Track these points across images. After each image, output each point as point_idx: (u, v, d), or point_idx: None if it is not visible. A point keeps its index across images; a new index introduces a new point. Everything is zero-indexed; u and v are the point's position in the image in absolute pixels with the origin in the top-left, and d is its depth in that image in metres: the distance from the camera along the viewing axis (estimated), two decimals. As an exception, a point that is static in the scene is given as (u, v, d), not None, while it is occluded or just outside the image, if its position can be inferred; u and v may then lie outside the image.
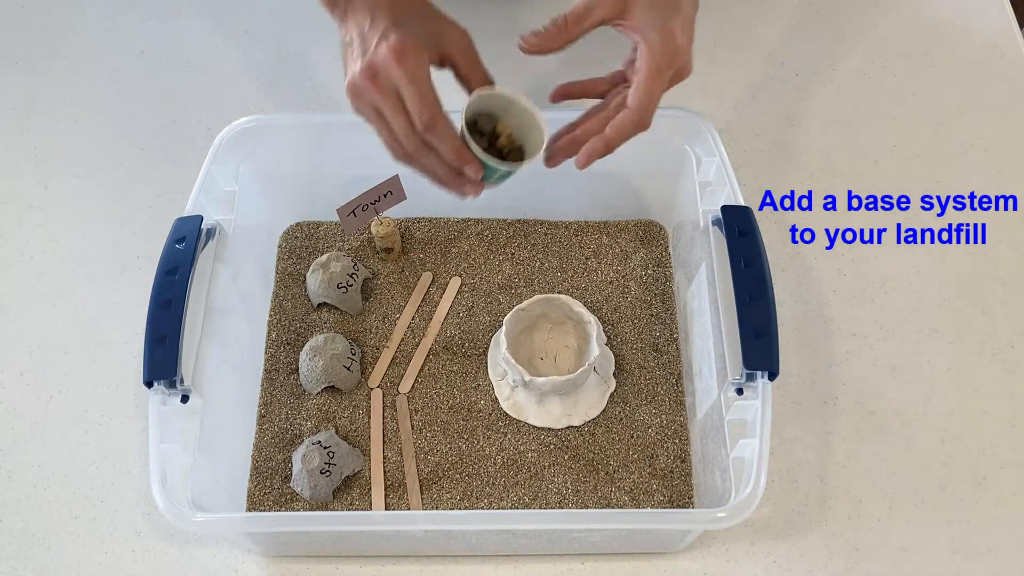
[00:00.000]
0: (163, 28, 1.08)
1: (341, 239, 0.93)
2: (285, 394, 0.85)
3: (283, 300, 0.89)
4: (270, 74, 1.04)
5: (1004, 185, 0.94)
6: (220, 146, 0.82)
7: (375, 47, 0.67)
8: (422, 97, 0.67)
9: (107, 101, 1.03)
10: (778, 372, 0.69)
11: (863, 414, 0.83)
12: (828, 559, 0.76)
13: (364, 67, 0.67)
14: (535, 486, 0.80)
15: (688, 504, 0.79)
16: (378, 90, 0.67)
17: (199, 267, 0.74)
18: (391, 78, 0.67)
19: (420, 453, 0.82)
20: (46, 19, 1.10)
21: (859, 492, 0.79)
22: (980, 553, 0.77)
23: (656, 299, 0.89)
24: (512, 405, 0.83)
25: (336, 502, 0.79)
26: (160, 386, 0.69)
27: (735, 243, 0.74)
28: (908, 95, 1.01)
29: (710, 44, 1.05)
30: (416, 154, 0.70)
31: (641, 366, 0.85)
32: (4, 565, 0.77)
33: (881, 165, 0.96)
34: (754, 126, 0.99)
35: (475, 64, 0.72)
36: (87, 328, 0.88)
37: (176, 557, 0.77)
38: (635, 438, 0.82)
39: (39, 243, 0.94)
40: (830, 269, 0.90)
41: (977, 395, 0.84)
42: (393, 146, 0.71)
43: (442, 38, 0.70)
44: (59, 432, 0.83)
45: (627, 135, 0.71)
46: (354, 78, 0.68)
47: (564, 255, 0.92)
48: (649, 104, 0.70)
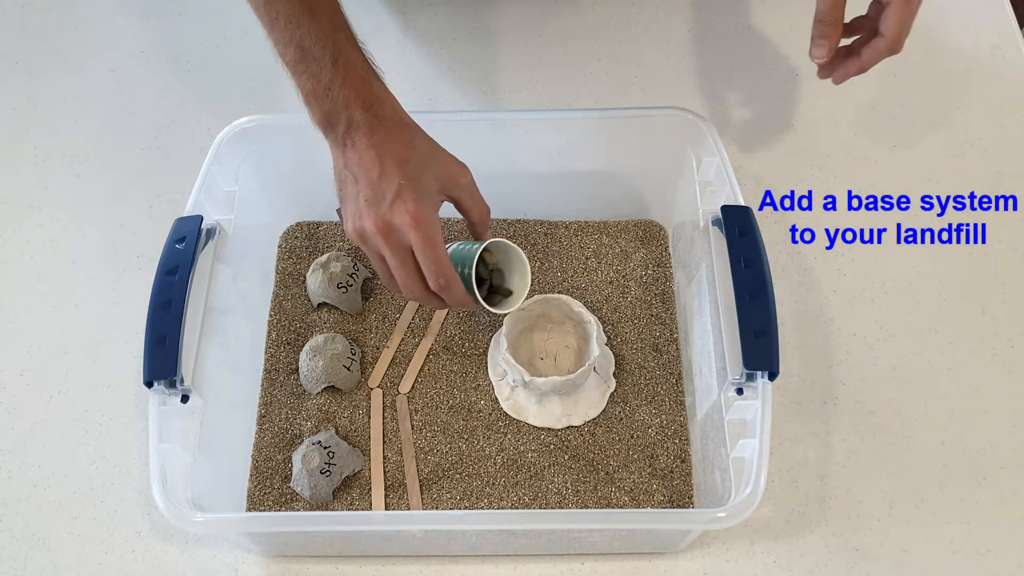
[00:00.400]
0: (163, 28, 1.08)
1: (341, 239, 0.93)
2: (285, 394, 0.85)
3: (283, 300, 0.89)
4: (270, 74, 1.03)
5: (1004, 185, 0.94)
6: (220, 146, 0.82)
7: (390, 206, 0.68)
8: (439, 263, 0.69)
9: (107, 101, 1.03)
10: (778, 372, 0.69)
11: (863, 414, 0.83)
12: (828, 559, 0.76)
13: (379, 224, 0.68)
14: (535, 486, 0.80)
15: (688, 504, 0.79)
16: (389, 246, 0.69)
17: (199, 267, 0.74)
18: (405, 239, 0.69)
19: (420, 453, 0.82)
20: (46, 19, 1.10)
21: (859, 492, 0.79)
22: (980, 553, 0.77)
23: (656, 299, 0.89)
24: (512, 405, 0.83)
25: (336, 502, 0.79)
26: (160, 386, 0.69)
27: (735, 243, 0.74)
28: (908, 95, 1.01)
29: (710, 44, 1.05)
30: (415, 297, 0.72)
31: (641, 366, 0.85)
32: (4, 565, 0.77)
33: (881, 165, 0.96)
34: (754, 126, 0.99)
35: (477, 200, 0.75)
36: (87, 328, 0.88)
37: (176, 557, 0.77)
38: (635, 438, 0.82)
39: (39, 243, 0.94)
40: (830, 269, 0.90)
41: (977, 395, 0.84)
42: (390, 284, 0.73)
43: (448, 182, 0.72)
44: (59, 432, 0.83)
45: (880, 58, 0.76)
46: (364, 228, 0.70)
47: (564, 255, 0.92)
48: (901, 31, 0.73)
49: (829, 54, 0.76)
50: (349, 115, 0.70)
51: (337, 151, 0.72)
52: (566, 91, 1.02)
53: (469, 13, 1.08)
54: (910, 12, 0.73)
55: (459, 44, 1.06)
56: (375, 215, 0.69)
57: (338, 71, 0.70)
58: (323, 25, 0.70)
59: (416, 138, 0.72)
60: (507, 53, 1.06)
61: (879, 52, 0.75)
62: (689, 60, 1.04)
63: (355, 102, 0.70)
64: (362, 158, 0.69)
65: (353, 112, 0.70)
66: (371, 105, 0.70)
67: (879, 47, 0.75)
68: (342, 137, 0.70)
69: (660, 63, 1.04)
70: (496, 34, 1.07)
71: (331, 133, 0.71)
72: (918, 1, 0.73)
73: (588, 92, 1.02)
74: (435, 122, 0.73)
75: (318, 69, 0.70)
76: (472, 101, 1.01)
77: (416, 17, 1.08)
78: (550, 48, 1.05)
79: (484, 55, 1.05)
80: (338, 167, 0.72)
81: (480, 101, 1.01)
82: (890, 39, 0.74)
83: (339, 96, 0.70)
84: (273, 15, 0.71)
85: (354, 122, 0.70)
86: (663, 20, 1.07)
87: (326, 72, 0.70)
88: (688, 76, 1.03)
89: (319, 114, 0.71)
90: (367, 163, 0.69)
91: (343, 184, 0.72)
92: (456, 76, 1.03)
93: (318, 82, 0.70)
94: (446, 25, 1.07)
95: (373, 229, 0.69)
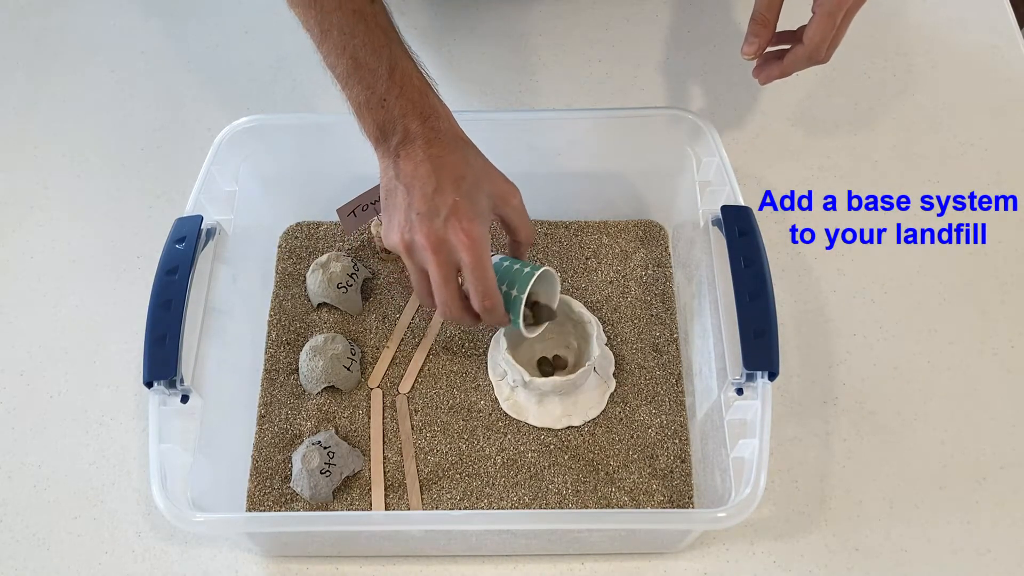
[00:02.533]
0: (163, 28, 1.08)
1: (341, 239, 0.93)
2: (285, 394, 0.85)
3: (283, 300, 0.89)
4: (270, 74, 1.04)
5: (1004, 185, 0.94)
6: (220, 146, 0.82)
7: (444, 222, 0.68)
8: (487, 285, 0.69)
9: (107, 101, 1.03)
10: (778, 372, 0.69)
11: (863, 414, 0.83)
12: (828, 559, 0.76)
13: (432, 239, 0.68)
14: (535, 486, 0.80)
15: (688, 504, 0.79)
16: (436, 260, 0.69)
17: (199, 267, 0.74)
18: (454, 255, 0.69)
19: (420, 453, 0.82)
20: (46, 19, 1.10)
21: (859, 492, 0.79)
22: (980, 553, 0.77)
23: (656, 299, 0.89)
24: (512, 405, 0.83)
25: (336, 502, 0.79)
26: (160, 386, 0.69)
27: (735, 243, 0.74)
28: (908, 95, 1.01)
29: (710, 44, 1.05)
30: (451, 315, 0.72)
31: (641, 366, 0.85)
32: (4, 565, 0.77)
33: (881, 165, 0.96)
34: (754, 126, 0.99)
35: (525, 221, 0.75)
36: (87, 328, 0.88)
37: (176, 557, 0.77)
38: (635, 438, 0.82)
39: (39, 243, 0.94)
40: (830, 269, 0.90)
41: (977, 395, 0.84)
42: (426, 300, 0.73)
43: (499, 201, 0.72)
44: (59, 432, 0.83)
45: (800, 67, 0.78)
46: (413, 241, 0.69)
47: (564, 255, 0.92)
48: (820, 42, 0.75)
49: (757, 52, 0.78)
50: (405, 126, 0.69)
51: (388, 161, 0.71)
52: (566, 91, 1.02)
53: (469, 13, 1.08)
54: (830, 24, 0.74)
55: (459, 44, 1.06)
56: (427, 229, 0.68)
57: (394, 82, 0.69)
58: (378, 36, 0.70)
59: (471, 155, 0.71)
60: (507, 53, 1.06)
61: (798, 58, 0.77)
62: (689, 60, 1.04)
63: (411, 113, 0.69)
64: (417, 170, 0.69)
65: (410, 123, 0.69)
66: (427, 117, 0.70)
67: (798, 54, 0.77)
68: (395, 148, 0.70)
69: (660, 63, 1.04)
70: (496, 34, 1.07)
71: (383, 144, 0.71)
72: (842, 16, 0.74)
73: (588, 92, 1.02)
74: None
75: (373, 80, 0.69)
76: (472, 101, 1.01)
77: (416, 17, 1.08)
78: (550, 48, 1.05)
79: (484, 55, 1.05)
80: (387, 177, 0.71)
81: (480, 101, 1.01)
82: (808, 48, 0.76)
83: (395, 107, 0.69)
84: (326, 27, 0.70)
85: (410, 133, 0.69)
86: (663, 20, 1.07)
87: (381, 83, 0.69)
88: (688, 76, 1.03)
89: (372, 125, 0.70)
90: (422, 176, 0.68)
91: (391, 194, 0.71)
92: (456, 76, 1.03)
93: (372, 93, 0.70)
94: (446, 25, 1.07)
95: (424, 243, 0.68)
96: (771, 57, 0.80)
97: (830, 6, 0.74)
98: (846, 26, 0.76)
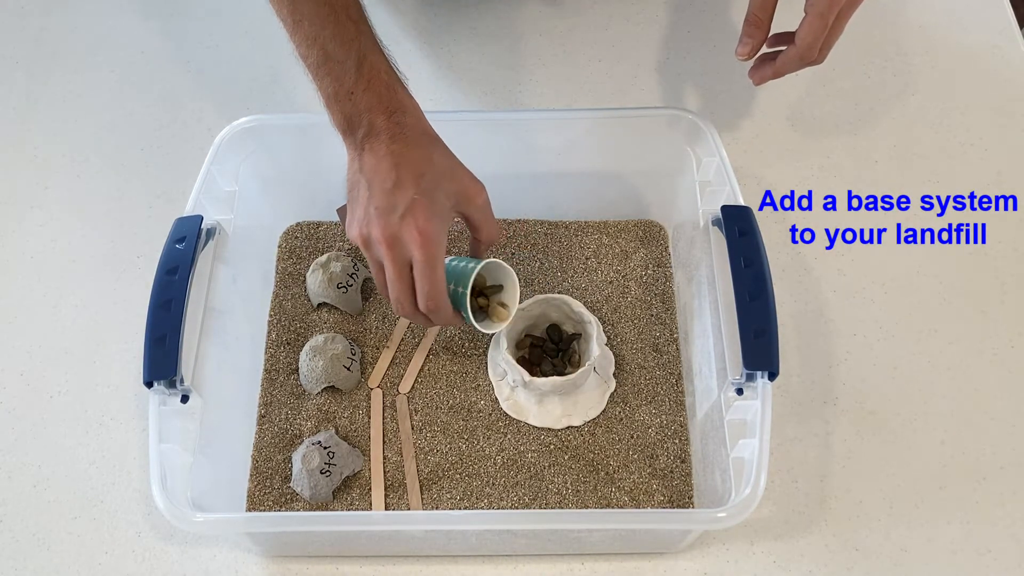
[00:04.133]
0: (163, 28, 1.08)
1: (341, 239, 0.93)
2: (285, 394, 0.85)
3: (283, 300, 0.89)
4: (270, 74, 1.04)
5: (1004, 185, 0.94)
6: (220, 146, 0.82)
7: (400, 218, 0.68)
8: (433, 286, 0.69)
9: (107, 101, 1.03)
10: (778, 372, 0.69)
11: (863, 414, 0.83)
12: (828, 559, 0.76)
13: (386, 234, 0.68)
14: (535, 486, 0.80)
15: (688, 504, 0.79)
16: (390, 256, 0.69)
17: (199, 267, 0.74)
18: (407, 253, 0.69)
19: (420, 453, 0.82)
20: (46, 19, 1.10)
21: (859, 492, 0.79)
22: (980, 553, 0.77)
23: (656, 299, 0.89)
24: (512, 405, 0.83)
25: (336, 502, 0.79)
26: (160, 386, 0.69)
27: (735, 243, 0.74)
28: (908, 95, 1.01)
29: (710, 44, 1.05)
30: (403, 312, 0.73)
31: (641, 366, 0.85)
32: (4, 565, 0.77)
33: (881, 165, 0.96)
34: (754, 126, 0.99)
35: (489, 221, 0.75)
36: (87, 328, 0.88)
37: (176, 557, 0.77)
38: (635, 438, 0.82)
39: (39, 243, 0.94)
40: (830, 269, 0.90)
41: (977, 395, 0.84)
42: (383, 293, 0.74)
43: (462, 199, 0.72)
44: (59, 432, 0.83)
45: (792, 68, 0.78)
46: (369, 235, 0.70)
47: (564, 255, 0.92)
48: (812, 43, 0.75)
49: (751, 53, 0.78)
50: (371, 120, 0.69)
51: (354, 154, 0.71)
52: (566, 91, 1.02)
53: (469, 13, 1.08)
54: (822, 25, 0.74)
55: (459, 44, 1.06)
56: (383, 225, 0.68)
57: (362, 75, 0.69)
58: (348, 28, 0.70)
59: (435, 151, 0.71)
60: (507, 53, 1.06)
61: (790, 59, 0.77)
62: (689, 60, 1.04)
63: (377, 107, 0.69)
64: (378, 165, 0.69)
65: (375, 117, 0.69)
66: (393, 112, 0.70)
67: (790, 55, 0.77)
68: (360, 141, 0.70)
69: (660, 63, 1.04)
70: (496, 34, 1.07)
71: (350, 137, 0.71)
72: (834, 17, 0.74)
73: (588, 92, 1.02)
74: (435, 122, 0.73)
75: (341, 72, 0.69)
76: (472, 101, 1.01)
77: (416, 17, 1.08)
78: (550, 48, 1.05)
79: (484, 55, 1.05)
80: (352, 170, 0.71)
81: (480, 101, 1.01)
82: (800, 48, 0.76)
83: (361, 100, 0.69)
84: (297, 17, 0.70)
85: (375, 127, 0.69)
86: (663, 20, 1.07)
87: (349, 76, 0.69)
88: (688, 76, 1.03)
89: (340, 117, 0.70)
90: (383, 171, 0.69)
91: (354, 187, 0.71)
92: (456, 76, 1.03)
93: (340, 85, 0.70)
94: (446, 25, 1.07)
95: (379, 238, 0.69)
96: (766, 58, 0.80)
97: (822, 7, 0.73)
98: (840, 27, 0.76)
